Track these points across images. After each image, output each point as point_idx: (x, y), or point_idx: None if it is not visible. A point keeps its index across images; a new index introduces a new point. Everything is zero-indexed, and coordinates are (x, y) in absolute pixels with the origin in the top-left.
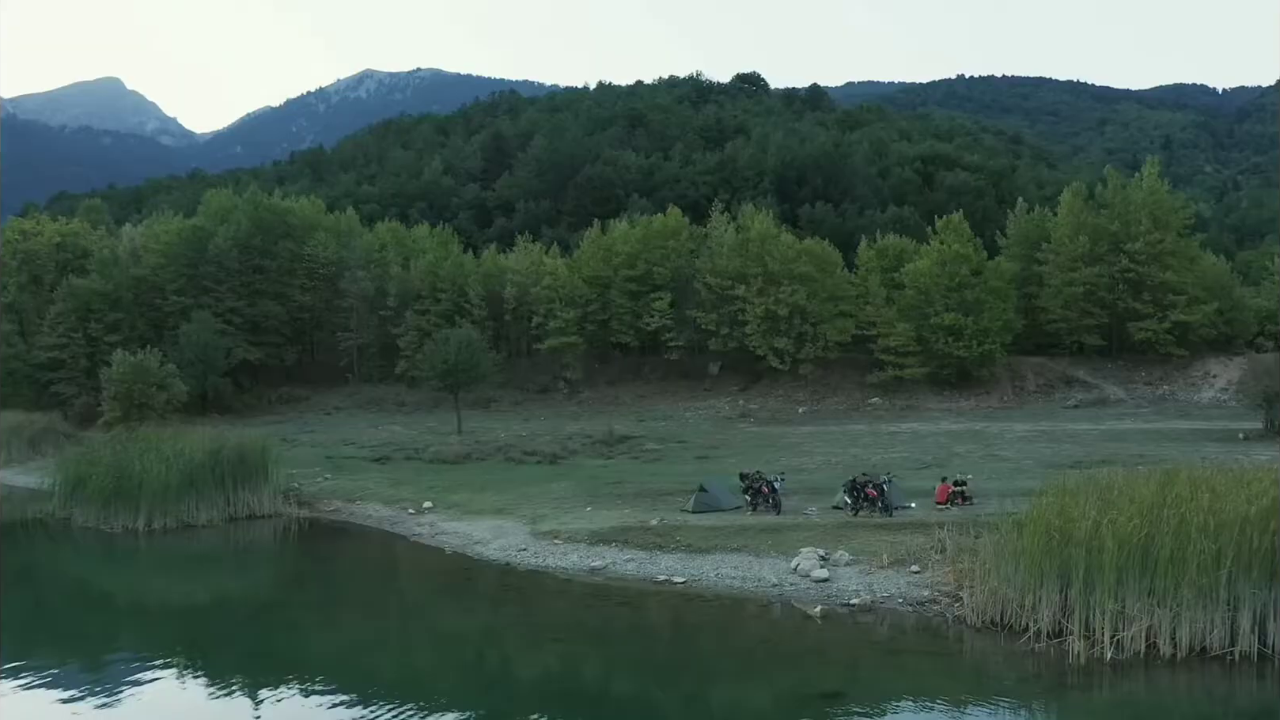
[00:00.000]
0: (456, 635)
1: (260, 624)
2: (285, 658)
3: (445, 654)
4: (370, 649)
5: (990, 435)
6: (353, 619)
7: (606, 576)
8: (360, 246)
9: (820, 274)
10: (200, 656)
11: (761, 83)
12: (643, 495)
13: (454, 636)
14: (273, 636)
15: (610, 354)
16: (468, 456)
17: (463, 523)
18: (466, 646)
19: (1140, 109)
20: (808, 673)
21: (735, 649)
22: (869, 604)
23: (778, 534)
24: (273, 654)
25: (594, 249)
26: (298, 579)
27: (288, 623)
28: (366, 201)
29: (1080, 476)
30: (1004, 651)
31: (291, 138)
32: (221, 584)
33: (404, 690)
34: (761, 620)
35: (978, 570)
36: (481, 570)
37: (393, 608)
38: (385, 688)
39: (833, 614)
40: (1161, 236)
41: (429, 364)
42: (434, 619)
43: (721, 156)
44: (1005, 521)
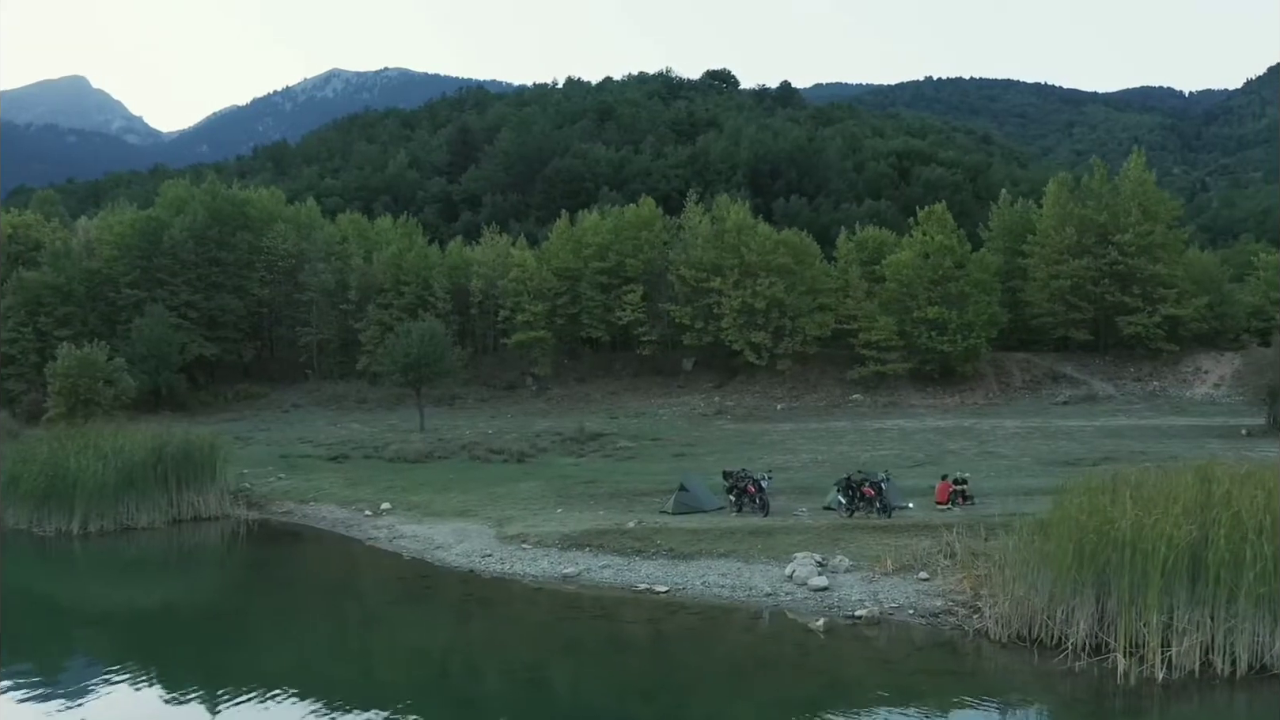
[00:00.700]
0: (413, 651)
1: (195, 637)
2: (216, 677)
3: (399, 673)
4: (316, 667)
5: (981, 432)
6: (296, 633)
7: (580, 584)
8: (321, 238)
9: (798, 266)
10: (124, 672)
11: (732, 79)
12: (617, 495)
13: (410, 653)
14: (208, 652)
15: (580, 350)
16: (430, 455)
17: (423, 525)
18: (423, 664)
19: (1108, 111)
20: (813, 696)
21: (728, 668)
22: (876, 616)
23: (768, 537)
24: (204, 670)
25: (563, 240)
26: (239, 587)
27: (221, 638)
28: (329, 195)
29: (1101, 474)
30: (1036, 671)
31: (258, 137)
32: (154, 592)
33: (351, 715)
34: (756, 635)
35: (997, 577)
36: (442, 577)
37: (343, 620)
38: (330, 712)
39: (836, 627)
40: (1151, 228)
41: (390, 357)
42: (388, 633)
43: (693, 150)
44: (1023, 522)
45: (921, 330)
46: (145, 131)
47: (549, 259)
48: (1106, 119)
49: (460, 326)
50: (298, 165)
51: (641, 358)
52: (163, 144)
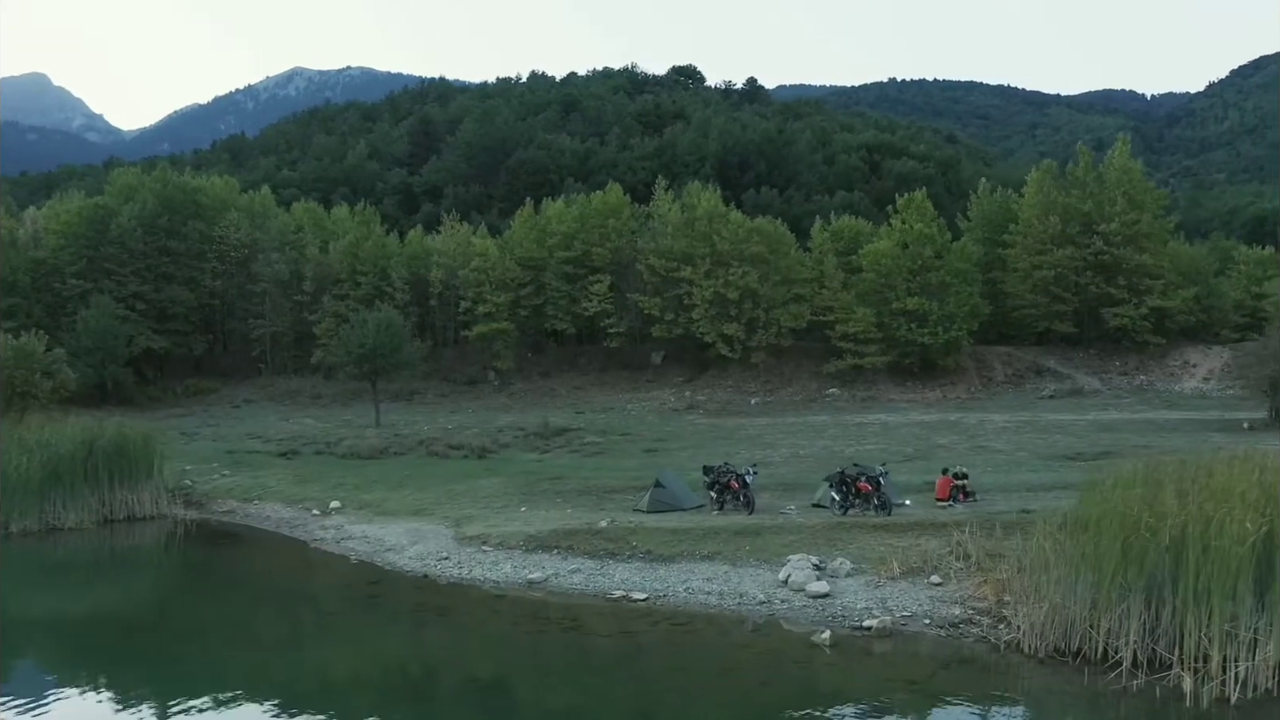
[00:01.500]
0: (353, 670)
1: (101, 654)
2: (122, 700)
3: (335, 698)
4: (234, 688)
5: (968, 426)
6: (215, 649)
7: (548, 591)
8: (275, 228)
9: (772, 255)
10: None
11: (698, 75)
12: (586, 493)
13: (350, 672)
14: (115, 669)
15: (544, 343)
16: (385, 451)
17: (374, 525)
18: (365, 685)
19: (1071, 113)
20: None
21: (722, 690)
22: (887, 627)
23: (756, 537)
24: (109, 690)
25: (527, 229)
26: (159, 596)
27: (133, 654)
28: (286, 186)
29: (1130, 465)
30: (1086, 692)
31: (220, 135)
32: (68, 601)
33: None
34: (752, 650)
35: (1024, 581)
36: (393, 583)
37: (273, 635)
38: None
39: (843, 640)
40: (1137, 217)
41: (344, 348)
42: (326, 649)
43: (660, 142)
44: (1046, 519)
45: (901, 322)
46: (106, 129)
47: (512, 248)
48: (1070, 121)
49: (419, 319)
50: (255, 157)
51: (608, 351)
52: (124, 142)
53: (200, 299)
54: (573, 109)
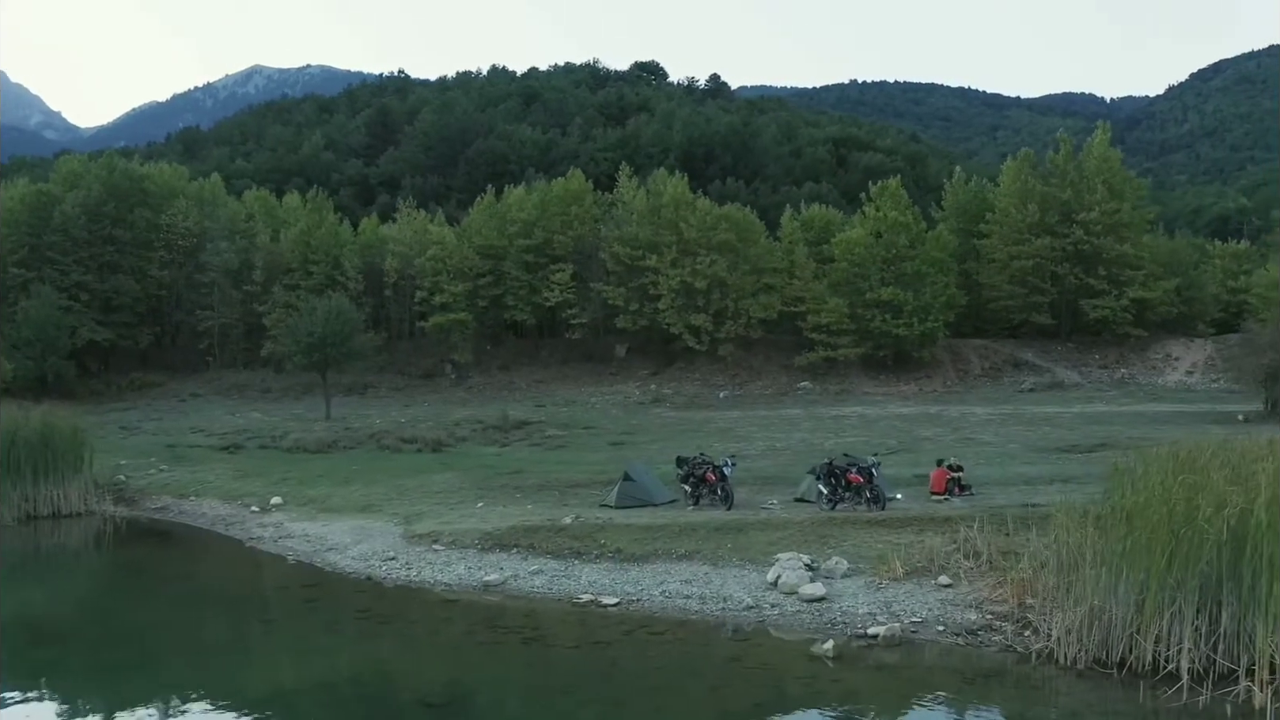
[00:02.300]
0: (274, 691)
1: None
2: None
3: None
4: (131, 706)
5: (951, 419)
6: (113, 663)
7: (505, 594)
8: (225, 215)
9: (741, 243)
10: None
11: (661, 71)
12: (548, 488)
13: (269, 694)
14: None
15: (503, 336)
16: (333, 445)
17: (317, 523)
18: (288, 711)
19: (1031, 115)
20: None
21: (715, 714)
22: (896, 635)
23: (739, 534)
24: None
25: (486, 216)
26: (67, 602)
27: (16, 668)
28: (239, 177)
29: (1159, 451)
30: (1140, 710)
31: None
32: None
33: None
34: (743, 663)
35: (1050, 582)
36: (332, 586)
37: (187, 647)
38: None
39: (848, 651)
40: (1117, 206)
41: (292, 337)
42: (243, 666)
43: (623, 133)
44: (1069, 511)
45: (874, 313)
46: (64, 127)
47: (470, 236)
48: (1030, 123)
49: (374, 310)
50: (209, 148)
51: (570, 343)
52: (81, 139)
53: (147, 290)
54: (534, 100)
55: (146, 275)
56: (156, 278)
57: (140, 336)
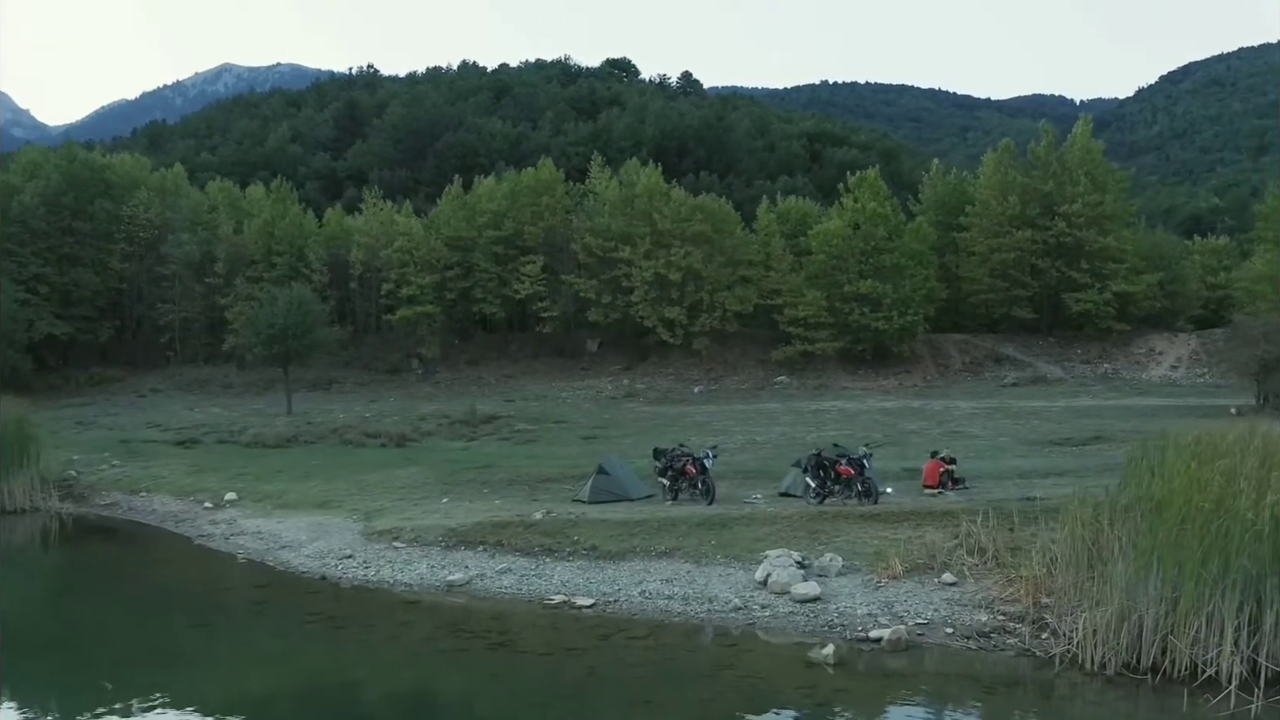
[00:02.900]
0: (204, 707)
1: None
2: None
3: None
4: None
5: (935, 413)
6: (38, 669)
7: (471, 595)
8: (187, 206)
9: (716, 234)
10: None
11: (632, 68)
12: (517, 483)
13: (200, 709)
14: None
15: (471, 330)
16: (293, 439)
17: (272, 519)
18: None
19: (1001, 117)
20: None
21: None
22: (901, 638)
23: (723, 530)
24: None
25: (454, 207)
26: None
27: None
28: (204, 170)
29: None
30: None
31: None
32: None
33: None
34: (735, 671)
35: (1070, 579)
36: (283, 586)
37: (116, 655)
38: None
39: (849, 656)
40: (1100, 198)
41: (253, 329)
42: (178, 676)
43: (595, 127)
44: (1084, 503)
45: (853, 307)
46: (31, 124)
47: (438, 227)
48: (1000, 124)
49: (339, 303)
50: (174, 142)
51: (541, 338)
52: (50, 137)
53: (107, 283)
54: (504, 94)
55: (107, 268)
56: (117, 270)
57: (100, 330)
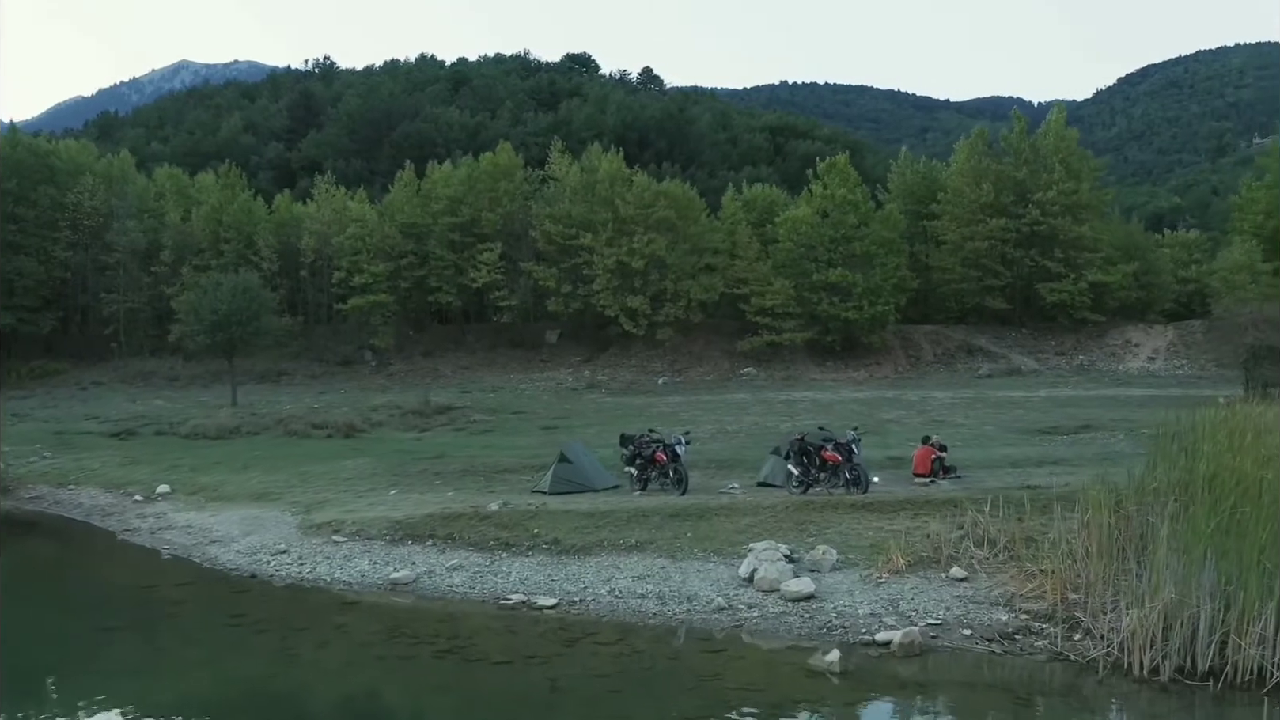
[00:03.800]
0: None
1: None
2: None
3: None
4: None
5: (912, 402)
6: None
7: (418, 595)
8: (133, 193)
9: (681, 221)
10: None
11: (592, 64)
12: (472, 473)
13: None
14: None
15: (427, 322)
16: (236, 430)
17: (204, 513)
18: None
19: (960, 118)
20: None
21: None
22: (913, 641)
23: (700, 521)
24: None
25: (409, 193)
26: None
27: None
28: (154, 160)
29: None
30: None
31: None
32: None
33: None
34: (724, 682)
35: (1101, 573)
36: (208, 585)
37: (8, 663)
38: None
39: (856, 664)
40: (1075, 186)
41: (194, 316)
42: (64, 692)
43: (555, 118)
44: (1100, 488)
45: (822, 296)
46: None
47: (392, 213)
48: (959, 125)
49: (289, 292)
50: (124, 131)
51: (499, 329)
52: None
53: (51, 272)
54: (462, 85)
55: (51, 257)
56: (61, 259)
57: (43, 322)
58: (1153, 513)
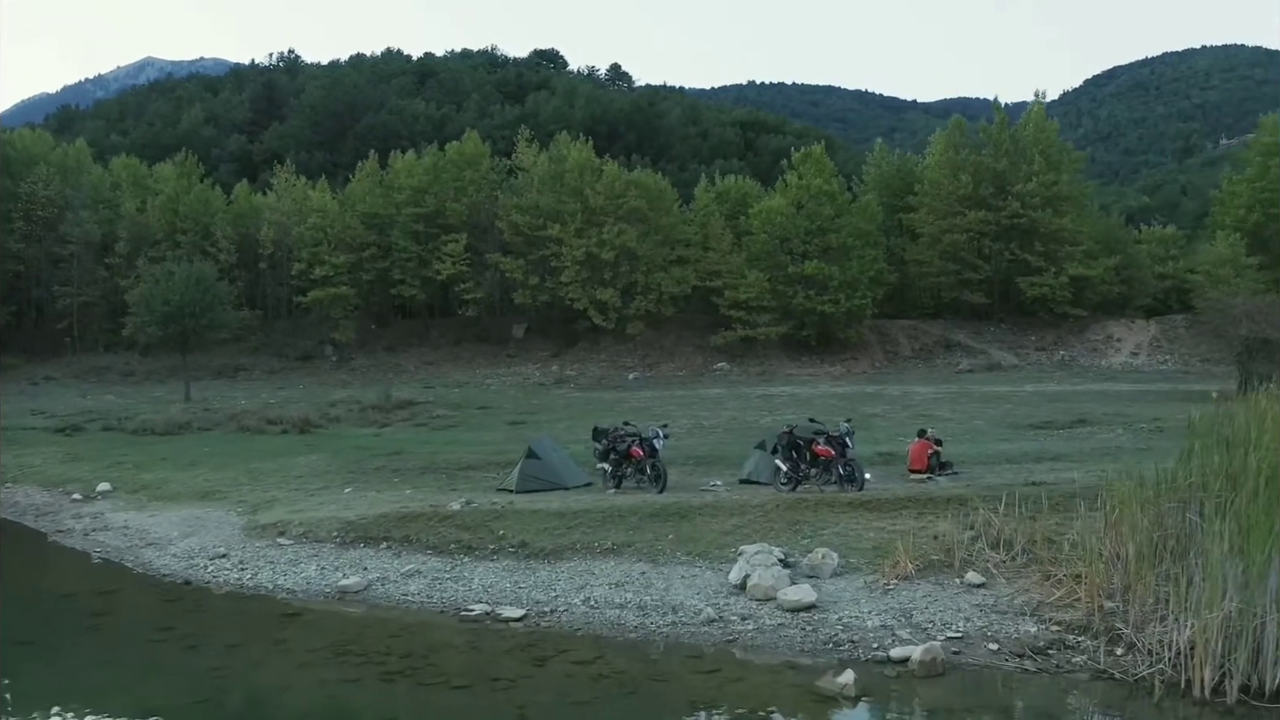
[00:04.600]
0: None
1: None
2: None
3: None
4: None
5: (894, 397)
6: None
7: (369, 604)
8: (88, 183)
9: (652, 211)
10: None
11: (560, 59)
12: (433, 470)
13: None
14: None
15: (390, 316)
16: (186, 426)
17: (145, 513)
18: None
19: (928, 118)
20: None
21: None
22: (937, 659)
23: (683, 522)
24: None
25: (372, 183)
26: None
27: None
28: (113, 152)
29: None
30: None
31: None
32: None
33: None
34: (719, 711)
35: (1140, 576)
36: (137, 592)
37: None
38: None
39: (873, 685)
40: (1055, 178)
41: (146, 307)
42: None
43: (522, 110)
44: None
45: (797, 289)
46: None
47: (354, 203)
48: (926, 125)
49: (248, 285)
50: (83, 123)
51: (464, 323)
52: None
53: (3, 265)
54: (428, 78)
55: (3, 249)
56: (14, 251)
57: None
58: (1192, 509)
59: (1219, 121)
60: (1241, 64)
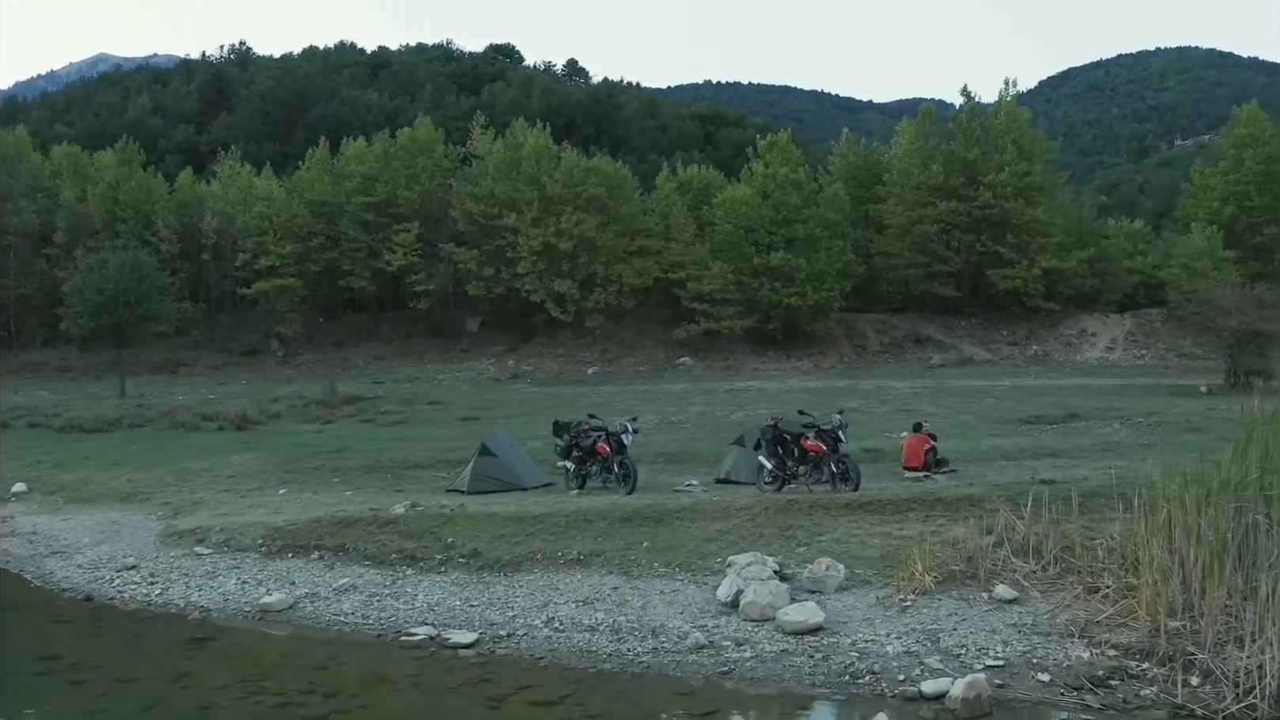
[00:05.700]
0: None
1: None
2: None
3: None
4: None
5: (869, 391)
6: None
7: (295, 625)
8: (27, 172)
9: (612, 200)
10: None
11: (517, 54)
12: (378, 470)
13: None
14: None
15: (339, 310)
16: (116, 423)
17: (58, 516)
18: None
19: (884, 119)
20: None
21: None
22: (982, 695)
23: (659, 527)
24: None
25: (320, 170)
26: None
27: None
28: (57, 142)
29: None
30: None
31: None
32: None
33: None
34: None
35: (1214, 593)
36: (28, 611)
37: None
38: None
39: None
40: (1028, 168)
41: (79, 297)
42: None
43: (478, 101)
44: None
45: (763, 281)
46: None
47: (301, 191)
48: (882, 125)
49: (191, 277)
50: (29, 114)
51: (415, 316)
52: None
53: None
54: (382, 69)
55: None
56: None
57: None
58: (1259, 510)
59: (1174, 123)
60: (1196, 65)
